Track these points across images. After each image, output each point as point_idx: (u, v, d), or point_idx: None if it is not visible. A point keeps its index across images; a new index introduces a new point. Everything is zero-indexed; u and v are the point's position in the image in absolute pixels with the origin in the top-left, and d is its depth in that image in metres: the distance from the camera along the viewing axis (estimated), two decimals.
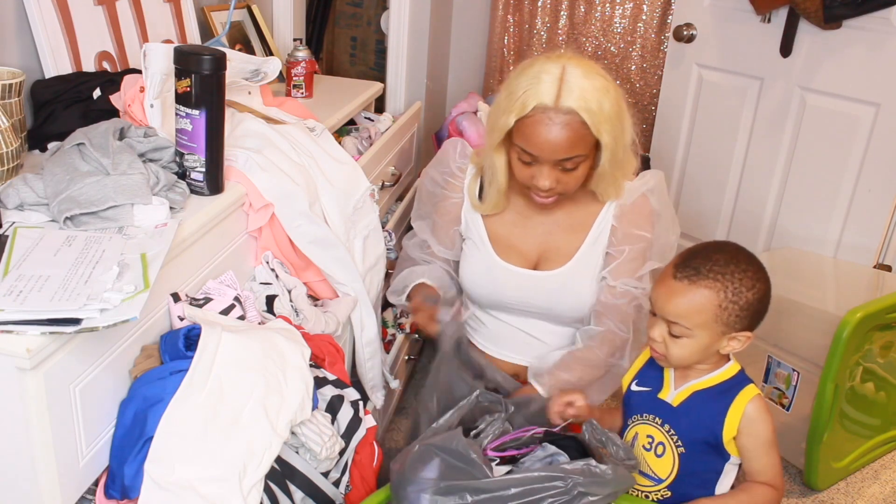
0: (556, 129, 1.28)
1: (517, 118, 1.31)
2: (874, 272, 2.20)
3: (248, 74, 1.54)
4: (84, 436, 0.96)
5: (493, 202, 1.47)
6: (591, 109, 1.28)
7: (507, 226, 1.50)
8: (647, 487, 1.28)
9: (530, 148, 1.31)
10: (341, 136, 1.90)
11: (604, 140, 1.31)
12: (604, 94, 1.30)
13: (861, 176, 2.20)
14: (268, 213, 1.34)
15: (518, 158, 1.35)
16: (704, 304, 1.17)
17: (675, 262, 1.21)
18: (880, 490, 1.93)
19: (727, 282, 1.16)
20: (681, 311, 1.17)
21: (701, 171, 2.61)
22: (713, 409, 1.22)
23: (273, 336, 1.17)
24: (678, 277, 1.18)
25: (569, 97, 1.27)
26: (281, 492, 1.10)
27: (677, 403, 1.25)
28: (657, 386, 1.29)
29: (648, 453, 1.27)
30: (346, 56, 3.79)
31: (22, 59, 1.33)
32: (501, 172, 1.41)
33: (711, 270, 1.17)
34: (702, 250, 1.21)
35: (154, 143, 1.20)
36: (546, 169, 1.32)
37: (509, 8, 3.04)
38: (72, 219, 1.05)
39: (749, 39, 2.37)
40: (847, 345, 1.74)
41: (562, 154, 1.30)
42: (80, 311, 0.87)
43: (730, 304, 1.17)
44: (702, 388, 1.24)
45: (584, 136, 1.30)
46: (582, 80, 1.29)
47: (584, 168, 1.35)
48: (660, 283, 1.21)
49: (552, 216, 1.49)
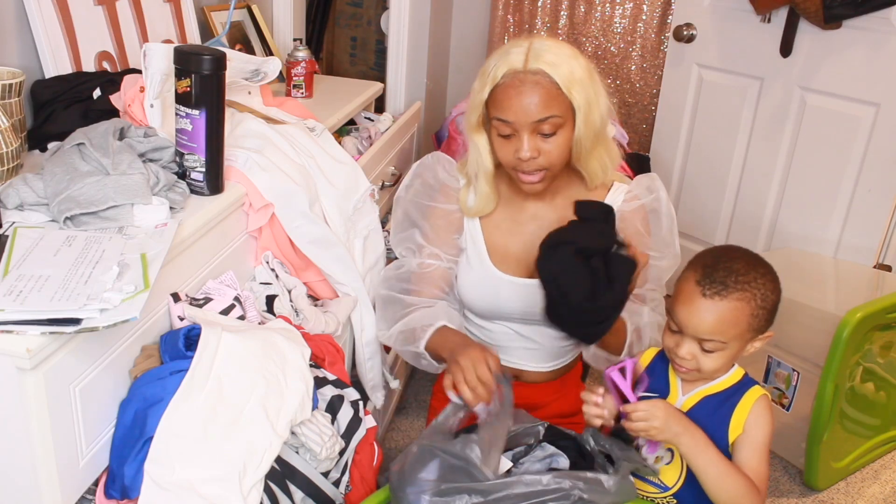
0: (527, 90, 1.29)
1: (491, 88, 1.32)
2: (874, 272, 2.20)
3: (248, 74, 1.54)
4: (84, 436, 0.96)
5: (485, 193, 1.44)
6: (560, 70, 1.30)
7: (504, 234, 1.49)
8: (652, 494, 1.27)
9: (505, 114, 1.31)
10: (341, 136, 1.91)
11: (577, 101, 1.31)
12: (573, 58, 1.33)
13: (861, 176, 2.20)
14: (268, 213, 1.34)
15: (498, 135, 1.35)
16: (738, 316, 1.17)
17: (695, 279, 1.19)
18: (880, 490, 1.93)
19: (755, 289, 1.17)
20: (716, 327, 1.17)
21: (701, 171, 2.61)
22: (721, 414, 1.23)
23: (273, 336, 1.17)
24: (707, 295, 1.17)
25: (537, 60, 1.30)
26: (281, 492, 1.10)
27: (686, 410, 1.25)
28: (663, 392, 1.28)
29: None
30: (346, 56, 3.79)
31: (22, 59, 1.33)
32: (485, 153, 1.40)
33: (738, 282, 1.17)
34: (718, 262, 1.20)
35: (154, 143, 1.20)
36: (525, 136, 1.32)
37: (509, 8, 3.04)
38: (72, 219, 1.05)
39: (749, 39, 2.37)
40: (847, 345, 1.74)
41: (536, 115, 1.30)
42: (80, 311, 0.87)
43: (760, 311, 1.18)
44: (710, 393, 1.25)
45: (557, 97, 1.31)
46: (550, 47, 1.32)
47: (563, 135, 1.34)
48: (686, 303, 1.19)
49: (546, 220, 1.47)
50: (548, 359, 1.56)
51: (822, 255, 2.31)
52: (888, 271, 2.20)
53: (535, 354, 1.55)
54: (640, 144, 2.95)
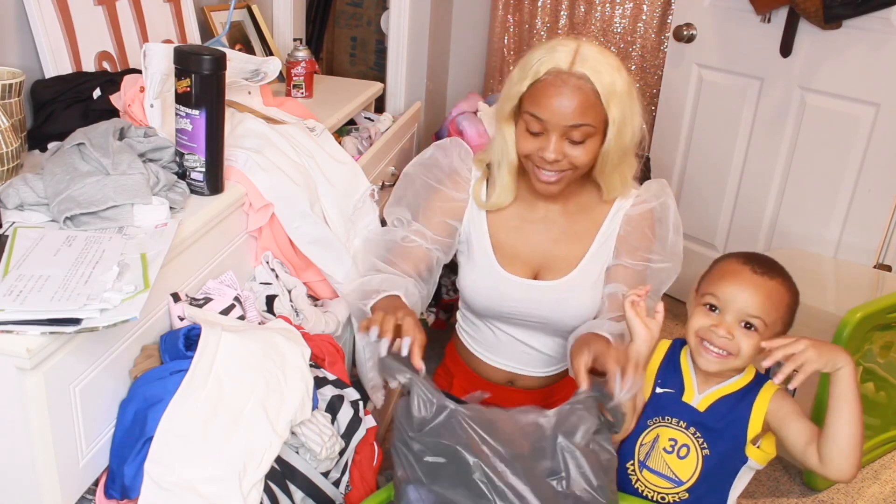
0: (567, 92, 1.28)
1: (531, 83, 1.31)
2: (874, 272, 2.20)
3: (248, 74, 1.54)
4: (84, 436, 0.96)
5: (505, 184, 1.42)
6: (604, 81, 1.28)
7: (511, 232, 1.48)
8: (665, 489, 1.27)
9: (540, 111, 1.30)
10: (341, 136, 1.90)
11: (613, 114, 1.30)
12: (617, 71, 1.31)
13: (861, 176, 2.20)
14: (268, 213, 1.34)
15: (526, 129, 1.33)
16: (782, 298, 1.21)
17: (741, 259, 1.23)
18: (880, 490, 1.93)
19: (791, 283, 1.22)
20: (765, 303, 1.19)
21: (701, 171, 2.61)
22: (739, 412, 1.24)
23: (273, 336, 1.17)
24: (758, 272, 1.20)
25: (583, 65, 1.28)
26: (281, 492, 1.10)
27: (704, 408, 1.25)
28: (679, 389, 1.28)
29: (670, 455, 1.26)
30: (346, 56, 3.79)
31: (22, 59, 1.33)
32: (512, 144, 1.38)
33: (781, 271, 1.22)
34: (756, 254, 1.25)
35: (154, 143, 1.20)
36: (554, 138, 1.30)
37: (509, 8, 3.04)
38: (72, 219, 1.05)
39: (749, 39, 2.37)
40: (847, 345, 1.74)
41: (571, 119, 1.29)
42: (80, 311, 0.87)
43: (793, 304, 1.22)
44: (727, 392, 1.25)
45: (595, 106, 1.29)
46: (597, 54, 1.30)
47: (591, 145, 1.33)
48: (734, 280, 1.21)
49: (555, 224, 1.46)
50: (543, 364, 1.55)
51: (822, 255, 2.30)
52: (888, 271, 2.20)
53: (530, 359, 1.54)
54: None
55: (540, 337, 1.51)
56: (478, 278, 1.48)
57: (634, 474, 1.29)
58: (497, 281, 1.47)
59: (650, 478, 1.27)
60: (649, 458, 1.28)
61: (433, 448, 1.09)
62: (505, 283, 1.46)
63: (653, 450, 1.28)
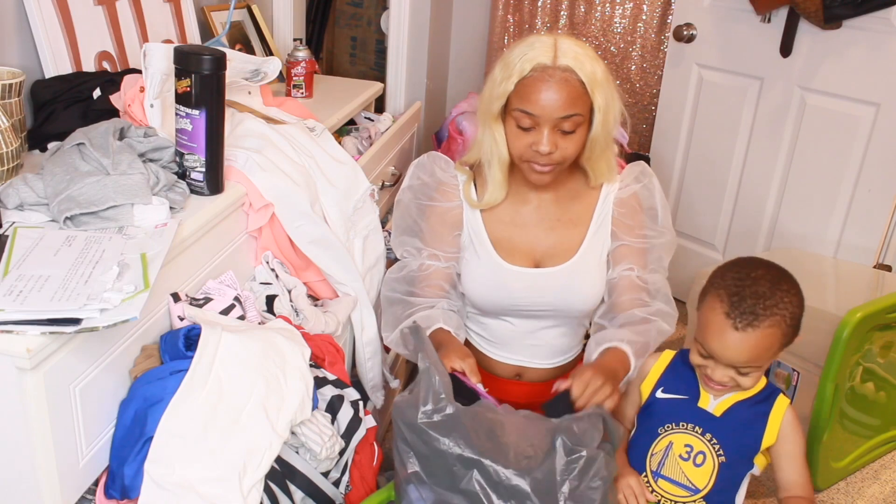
0: (555, 85, 1.32)
1: (518, 80, 1.34)
2: (874, 272, 2.20)
3: (248, 74, 1.54)
4: (84, 436, 0.96)
5: (498, 181, 1.45)
6: (587, 70, 1.33)
7: (507, 226, 1.50)
8: (681, 497, 1.26)
9: (531, 107, 1.33)
10: (341, 136, 1.91)
11: (598, 102, 1.35)
12: (595, 60, 1.36)
13: (861, 176, 2.20)
14: (268, 213, 1.34)
15: (517, 126, 1.37)
16: (773, 341, 1.19)
17: (723, 311, 1.18)
18: (880, 490, 1.93)
19: (783, 311, 1.18)
20: (752, 355, 1.19)
21: (701, 171, 2.61)
22: (755, 419, 1.25)
23: (273, 336, 1.17)
24: (740, 328, 1.17)
25: (564, 57, 1.33)
26: (281, 492, 1.10)
27: (720, 413, 1.25)
28: (693, 394, 1.28)
29: (686, 462, 1.26)
30: (346, 56, 3.79)
31: (22, 59, 1.33)
32: (502, 142, 1.41)
33: (766, 307, 1.17)
34: (743, 286, 1.19)
35: (154, 143, 1.20)
36: (546, 131, 1.34)
37: (509, 8, 3.04)
38: (72, 219, 1.05)
39: (749, 39, 2.37)
40: (847, 345, 1.74)
41: (561, 111, 1.33)
42: (80, 311, 0.87)
43: (790, 329, 1.20)
44: (742, 399, 1.27)
45: (581, 96, 1.34)
46: (575, 46, 1.35)
47: (580, 133, 1.37)
48: (718, 336, 1.19)
49: (549, 212, 1.49)
50: (550, 356, 1.57)
51: (823, 255, 2.30)
52: (888, 271, 2.20)
53: (537, 351, 1.56)
54: (640, 144, 2.95)
55: (547, 327, 1.53)
56: (482, 275, 1.50)
57: (649, 486, 1.28)
58: (501, 275, 1.48)
59: (666, 486, 1.27)
60: (663, 466, 1.27)
61: (434, 448, 1.09)
62: (509, 276, 1.48)
63: (667, 458, 1.27)
